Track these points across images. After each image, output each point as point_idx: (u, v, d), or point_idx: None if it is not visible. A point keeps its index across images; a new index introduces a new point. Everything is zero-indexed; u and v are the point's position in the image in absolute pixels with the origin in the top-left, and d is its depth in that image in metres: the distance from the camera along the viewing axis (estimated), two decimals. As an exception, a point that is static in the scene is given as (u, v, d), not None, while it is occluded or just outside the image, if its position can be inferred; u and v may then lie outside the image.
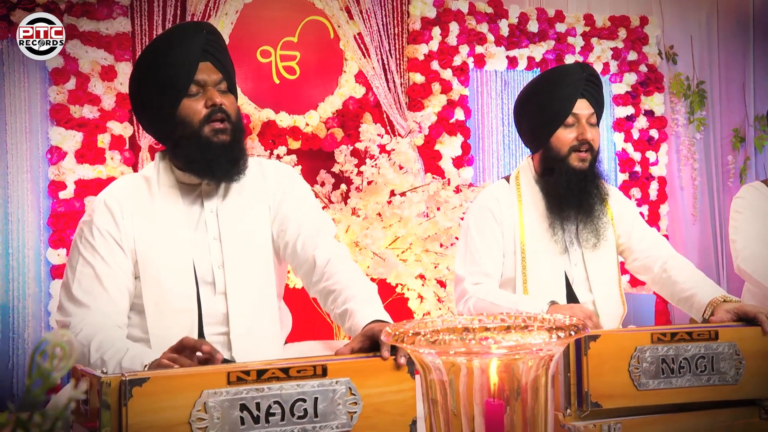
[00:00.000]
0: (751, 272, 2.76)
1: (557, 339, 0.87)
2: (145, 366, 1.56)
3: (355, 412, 1.49)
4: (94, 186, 3.95)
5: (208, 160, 1.88)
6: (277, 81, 4.41)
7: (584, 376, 1.78)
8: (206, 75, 1.89)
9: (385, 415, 1.52)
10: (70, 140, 3.93)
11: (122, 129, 4.04)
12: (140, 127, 4.08)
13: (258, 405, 1.42)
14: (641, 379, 1.83)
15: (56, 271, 3.90)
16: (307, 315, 3.54)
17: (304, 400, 1.45)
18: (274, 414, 1.43)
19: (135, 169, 4.07)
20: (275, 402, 1.43)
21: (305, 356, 1.58)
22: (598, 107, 2.49)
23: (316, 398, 1.46)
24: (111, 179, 3.96)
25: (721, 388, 1.89)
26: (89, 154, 3.96)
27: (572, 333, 0.89)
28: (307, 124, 4.43)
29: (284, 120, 4.37)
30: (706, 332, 1.90)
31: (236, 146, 1.92)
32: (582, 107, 2.44)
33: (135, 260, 1.87)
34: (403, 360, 1.51)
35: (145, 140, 4.07)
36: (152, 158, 4.06)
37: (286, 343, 2.10)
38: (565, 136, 2.45)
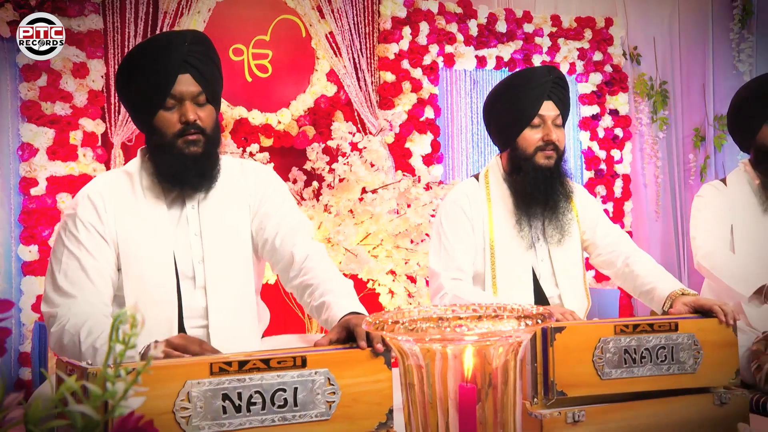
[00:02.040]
0: (710, 269, 2.83)
1: (525, 326, 0.94)
2: (140, 351, 1.61)
3: (334, 402, 1.55)
4: (66, 183, 3.95)
5: (175, 173, 1.93)
6: (249, 79, 4.43)
7: (550, 366, 1.85)
8: (184, 88, 1.91)
9: (363, 405, 1.57)
10: (42, 137, 3.92)
11: (94, 126, 4.04)
12: (113, 124, 4.09)
13: (240, 395, 1.47)
14: (605, 368, 1.91)
15: (27, 268, 3.89)
16: (280, 310, 3.59)
17: (284, 390, 1.51)
18: (255, 403, 1.48)
19: (108, 166, 4.07)
20: (256, 392, 1.49)
21: (284, 348, 1.64)
22: (564, 109, 2.57)
23: (295, 388, 1.52)
24: (83, 176, 3.96)
25: (679, 377, 1.98)
26: (61, 150, 3.95)
27: (539, 321, 0.97)
28: (279, 122, 4.45)
29: (256, 118, 4.39)
30: (667, 324, 1.99)
31: (207, 159, 1.96)
32: (548, 109, 2.52)
33: (117, 253, 1.91)
34: (380, 346, 1.57)
35: (118, 137, 4.08)
36: (125, 155, 4.09)
37: (263, 336, 2.15)
38: (531, 136, 2.53)
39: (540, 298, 2.56)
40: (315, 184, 3.92)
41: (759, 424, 2.15)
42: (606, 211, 5.29)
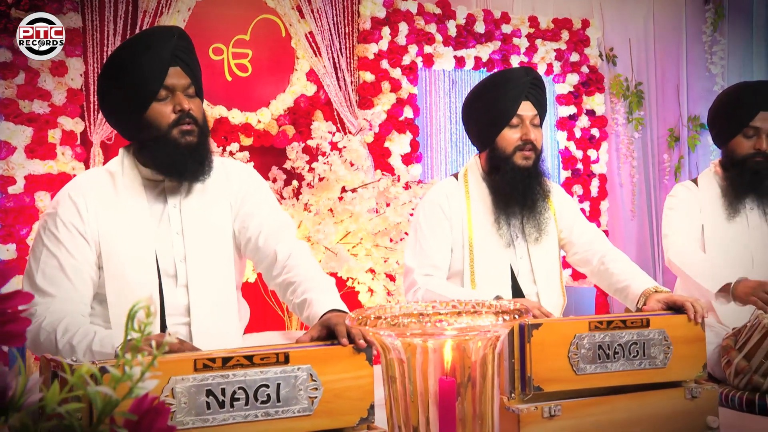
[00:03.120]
0: (680, 266, 2.89)
1: (503, 321, 0.98)
2: (116, 348, 1.63)
3: (316, 398, 1.57)
4: (45, 181, 3.94)
5: (175, 161, 1.94)
6: (229, 78, 4.44)
7: (527, 362, 1.89)
8: (175, 80, 1.94)
9: (345, 400, 1.60)
10: (20, 135, 3.90)
11: (73, 124, 4.03)
12: (92, 122, 4.08)
13: (223, 390, 1.49)
14: (580, 364, 1.95)
15: (5, 267, 3.87)
16: (260, 308, 3.62)
17: (267, 386, 1.53)
18: (238, 399, 1.51)
19: (87, 165, 4.06)
20: (240, 388, 1.51)
21: (267, 344, 1.67)
22: (542, 109, 2.62)
23: (278, 384, 1.54)
24: (62, 174, 3.95)
25: (651, 371, 2.03)
26: (39, 149, 3.94)
27: (516, 316, 1.01)
28: (259, 121, 4.46)
29: (236, 117, 4.40)
30: (639, 320, 2.04)
31: (203, 147, 1.98)
32: (526, 109, 2.57)
33: (99, 252, 1.92)
34: (362, 342, 1.60)
35: (97, 136, 4.07)
36: (104, 154, 4.09)
37: (244, 334, 2.17)
38: (510, 136, 2.58)
39: (518, 295, 2.60)
40: (295, 183, 3.94)
41: (728, 417, 2.21)
42: (582, 210, 5.34)
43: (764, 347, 2.33)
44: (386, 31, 4.78)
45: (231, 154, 3.93)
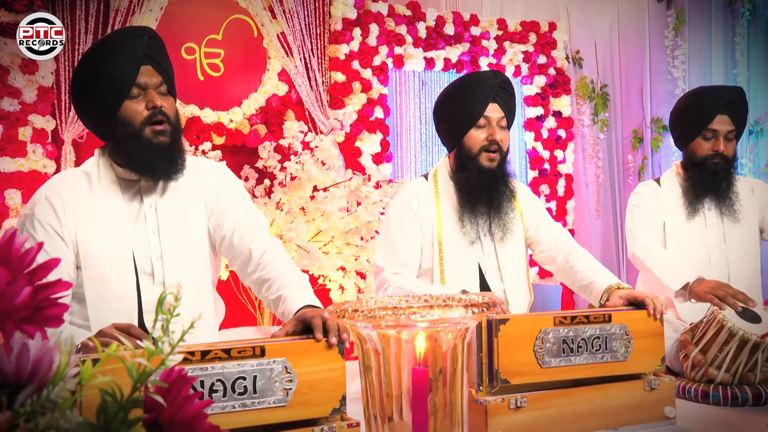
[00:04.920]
0: (644, 260, 2.99)
1: (472, 314, 1.05)
2: (77, 345, 1.66)
3: (291, 389, 1.63)
4: (15, 179, 3.92)
5: (148, 160, 1.98)
6: (201, 78, 4.46)
7: (495, 356, 1.96)
8: (147, 78, 1.98)
9: (318, 392, 1.66)
10: (-10, 133, 3.89)
11: (44, 122, 4.02)
12: (63, 120, 4.08)
13: (202, 383, 1.55)
14: (545, 357, 2.03)
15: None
16: (232, 305, 3.66)
17: (244, 378, 1.59)
18: (216, 391, 1.56)
19: (58, 163, 4.05)
20: (218, 380, 1.56)
21: (243, 339, 1.72)
22: (509, 112, 2.70)
23: (255, 376, 1.60)
24: (33, 173, 3.95)
25: (612, 364, 2.12)
26: (10, 147, 3.92)
27: (485, 309, 1.08)
28: (231, 120, 4.48)
29: (208, 116, 4.42)
30: (601, 315, 2.12)
31: (175, 147, 2.03)
32: (493, 110, 2.65)
33: (76, 251, 1.96)
34: (334, 339, 1.66)
35: (68, 134, 4.07)
36: (76, 152, 4.09)
37: (220, 329, 2.22)
38: (477, 136, 2.65)
39: (486, 291, 2.68)
40: (267, 182, 3.97)
41: (684, 408, 2.31)
42: (549, 209, 5.45)
43: (719, 341, 2.43)
44: (357, 32, 4.82)
45: (203, 153, 3.96)
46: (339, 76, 4.76)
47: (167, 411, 0.65)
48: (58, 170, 4.01)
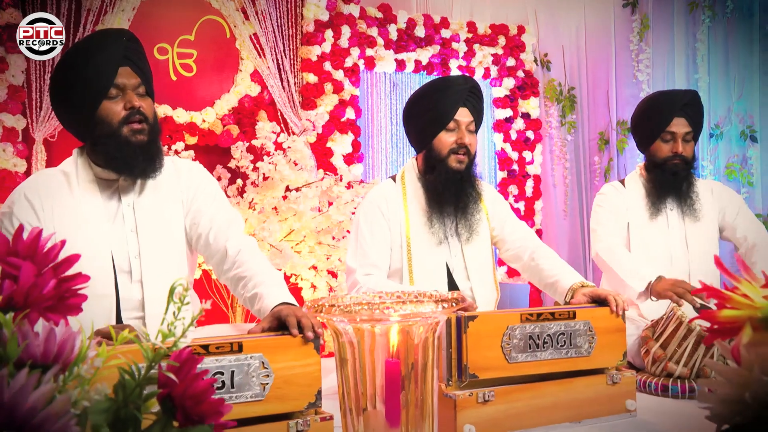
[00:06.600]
0: (607, 261, 3.07)
1: (443, 309, 1.11)
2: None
3: (267, 384, 1.68)
4: (-14, 178, 3.92)
5: (126, 158, 2.02)
6: (174, 78, 4.47)
7: (464, 352, 2.03)
8: (126, 79, 2.02)
9: (294, 386, 1.71)
10: (-40, 132, 3.88)
11: (15, 121, 4.01)
12: (35, 119, 4.07)
13: (181, 378, 1.59)
14: (512, 353, 2.10)
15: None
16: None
17: (222, 373, 1.64)
18: (195, 386, 1.61)
19: (29, 162, 4.04)
20: (196, 375, 1.61)
21: (220, 335, 1.77)
22: (478, 116, 2.77)
23: (232, 371, 1.65)
24: (3, 171, 3.94)
25: (577, 359, 2.20)
26: (-20, 145, 3.92)
27: (454, 304, 1.14)
28: (204, 121, 4.50)
29: (181, 116, 4.44)
30: (566, 312, 2.20)
31: (153, 145, 2.07)
32: (463, 114, 2.71)
33: None
34: (311, 334, 1.72)
35: (40, 133, 4.06)
36: (47, 151, 4.08)
37: (195, 327, 2.26)
38: (446, 139, 2.72)
39: (454, 290, 2.75)
40: (239, 182, 4.01)
41: (645, 401, 2.41)
42: (518, 210, 5.54)
43: (678, 336, 2.52)
44: (329, 33, 4.86)
45: (176, 152, 3.98)
46: (311, 77, 4.79)
47: (179, 387, 0.73)
48: (29, 169, 4.01)
